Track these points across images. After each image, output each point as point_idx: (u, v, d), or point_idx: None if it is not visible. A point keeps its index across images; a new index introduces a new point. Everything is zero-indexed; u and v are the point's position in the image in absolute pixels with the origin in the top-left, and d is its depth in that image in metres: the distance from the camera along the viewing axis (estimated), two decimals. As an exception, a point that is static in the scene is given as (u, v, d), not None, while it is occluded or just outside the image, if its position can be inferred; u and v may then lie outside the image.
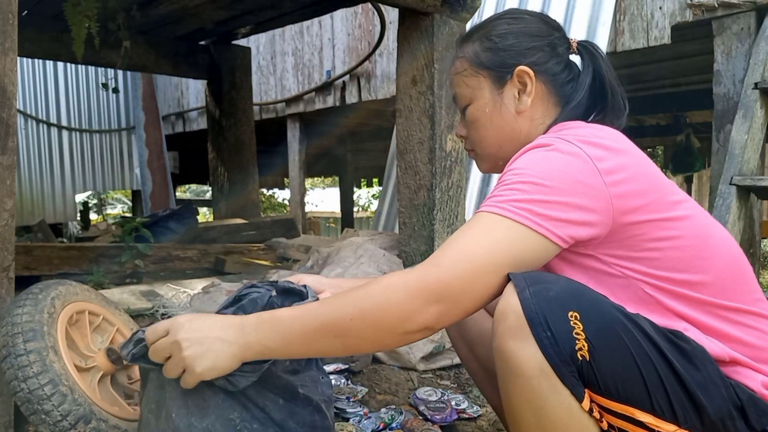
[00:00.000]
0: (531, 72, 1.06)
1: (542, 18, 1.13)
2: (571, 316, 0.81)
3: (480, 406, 1.65)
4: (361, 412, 1.53)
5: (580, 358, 0.80)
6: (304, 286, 1.20)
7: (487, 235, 0.87)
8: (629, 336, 0.82)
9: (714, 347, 0.88)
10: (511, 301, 0.84)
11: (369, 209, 17.34)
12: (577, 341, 0.80)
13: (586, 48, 1.11)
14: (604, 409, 0.84)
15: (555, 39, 1.09)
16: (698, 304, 0.91)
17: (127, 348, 1.02)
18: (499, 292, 0.87)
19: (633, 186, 0.90)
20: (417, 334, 0.88)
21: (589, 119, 1.10)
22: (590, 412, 0.83)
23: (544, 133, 1.05)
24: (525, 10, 1.16)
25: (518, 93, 1.08)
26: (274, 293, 1.13)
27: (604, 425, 0.85)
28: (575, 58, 1.12)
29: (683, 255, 0.91)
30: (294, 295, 1.22)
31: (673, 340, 0.84)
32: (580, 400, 0.82)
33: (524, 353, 0.82)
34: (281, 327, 0.89)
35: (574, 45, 1.11)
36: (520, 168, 0.91)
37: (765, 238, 5.89)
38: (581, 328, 0.81)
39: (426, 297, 0.85)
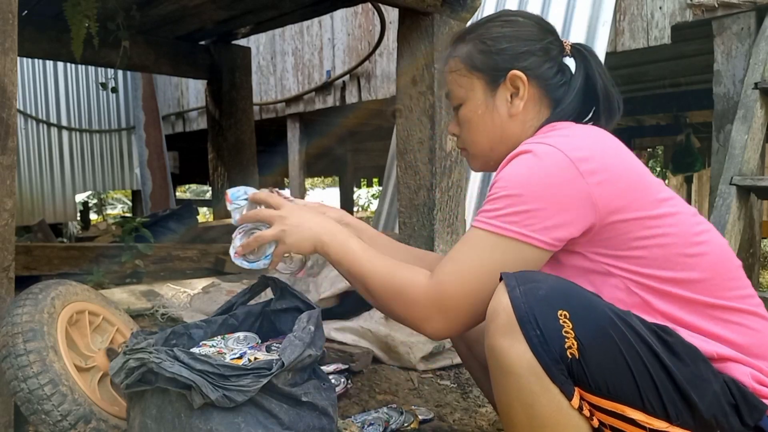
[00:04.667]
0: (524, 76, 1.06)
1: (536, 21, 1.12)
2: (561, 315, 0.82)
3: (479, 405, 1.66)
4: (361, 412, 1.53)
5: (570, 357, 0.81)
6: (302, 302, 1.28)
7: (475, 252, 0.95)
8: (619, 333, 0.82)
9: (702, 344, 0.89)
10: (502, 300, 0.85)
11: (369, 209, 17.33)
12: (566, 339, 0.81)
13: (579, 51, 1.11)
14: (594, 406, 0.84)
15: (548, 43, 1.09)
16: (684, 302, 0.92)
17: (119, 376, 1.02)
18: None
19: (616, 186, 0.92)
20: (427, 333, 1.01)
21: (582, 121, 1.10)
22: (580, 409, 0.84)
23: (534, 134, 1.06)
24: (520, 12, 1.16)
25: (510, 96, 1.09)
26: (268, 308, 1.35)
27: (595, 423, 0.85)
28: (569, 61, 1.12)
29: (669, 252, 0.92)
30: (293, 311, 1.30)
31: (663, 337, 0.85)
32: (569, 398, 0.83)
33: (514, 352, 0.83)
34: (344, 252, 1.07)
35: (568, 48, 1.12)
36: (503, 180, 0.95)
37: (765, 238, 5.89)
38: (570, 326, 0.82)
39: (430, 309, 0.97)
